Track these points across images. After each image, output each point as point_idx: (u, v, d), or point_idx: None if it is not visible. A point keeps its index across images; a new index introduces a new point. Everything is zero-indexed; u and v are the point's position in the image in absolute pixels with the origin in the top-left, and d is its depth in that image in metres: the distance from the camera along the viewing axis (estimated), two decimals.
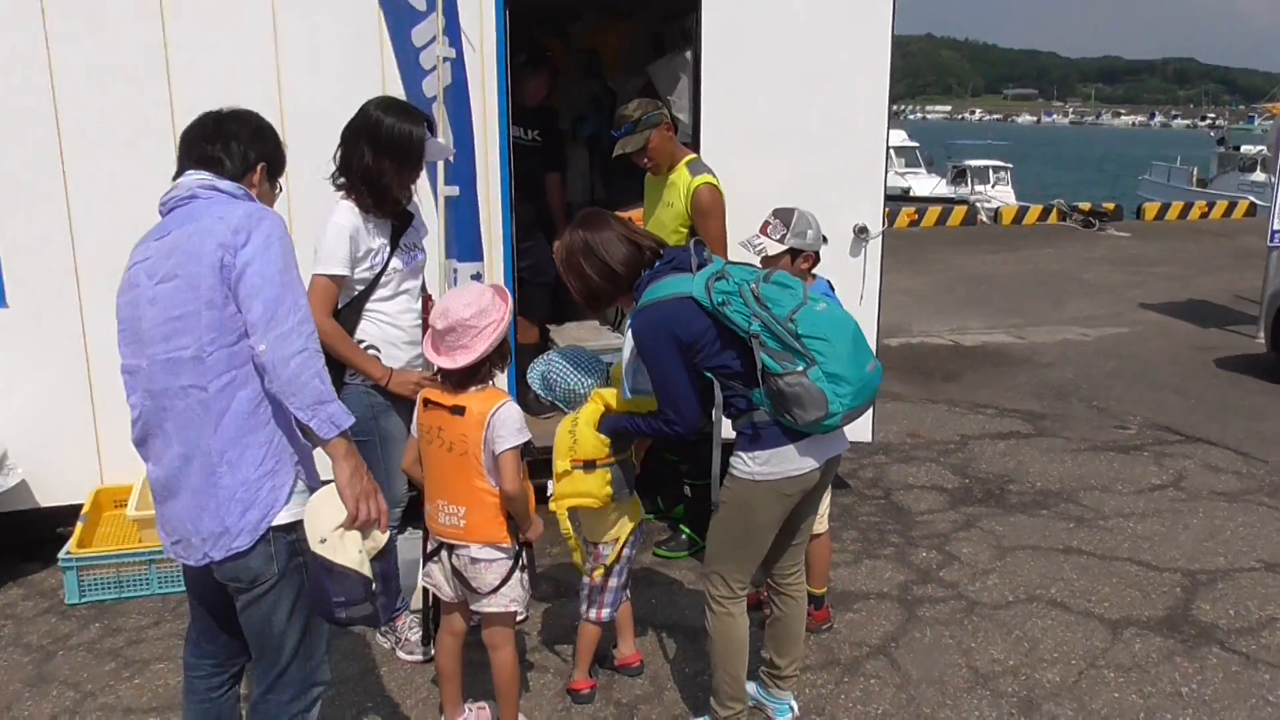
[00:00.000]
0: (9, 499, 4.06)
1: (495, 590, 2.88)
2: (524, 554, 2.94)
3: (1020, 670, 3.56)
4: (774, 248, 3.38)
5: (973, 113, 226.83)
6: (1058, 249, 15.13)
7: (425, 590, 3.69)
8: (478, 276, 4.14)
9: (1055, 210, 18.50)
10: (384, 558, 2.37)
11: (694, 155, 4.20)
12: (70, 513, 4.33)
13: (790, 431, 2.76)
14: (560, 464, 3.06)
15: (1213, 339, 9.26)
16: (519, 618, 2.97)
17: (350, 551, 2.28)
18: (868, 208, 4.86)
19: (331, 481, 2.31)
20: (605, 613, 3.27)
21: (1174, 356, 8.53)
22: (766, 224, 3.45)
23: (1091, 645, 3.74)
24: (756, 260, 3.41)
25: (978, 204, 21.56)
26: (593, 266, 2.92)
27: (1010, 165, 29.52)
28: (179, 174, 2.40)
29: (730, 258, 3.28)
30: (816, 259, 3.48)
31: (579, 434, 3.04)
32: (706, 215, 4.03)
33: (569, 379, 3.17)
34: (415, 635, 3.63)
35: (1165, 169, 32.56)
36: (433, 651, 3.59)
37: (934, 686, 3.46)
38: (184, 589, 3.93)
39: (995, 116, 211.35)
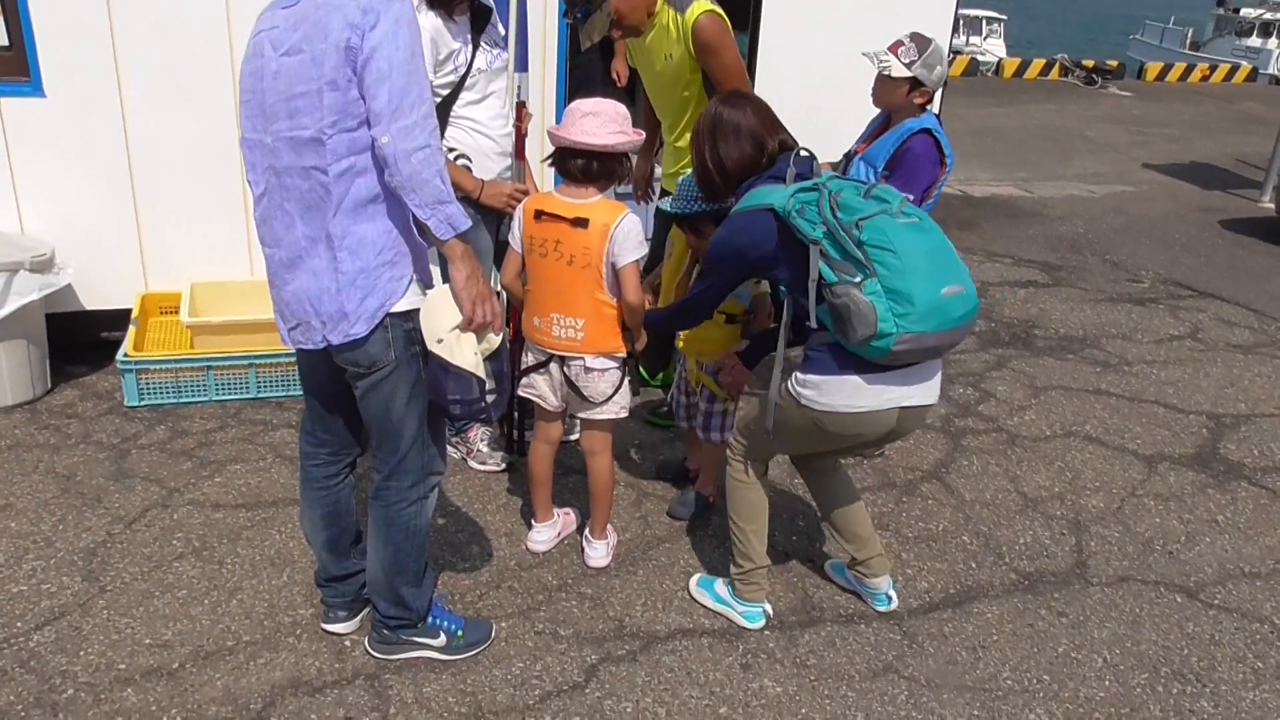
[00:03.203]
0: (57, 300, 3.98)
1: (608, 399, 2.93)
2: (628, 365, 2.98)
3: (1066, 496, 3.75)
4: (899, 70, 3.20)
5: None
6: (1060, 105, 14.95)
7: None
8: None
9: (1058, 65, 18.17)
10: (497, 358, 2.40)
11: None
12: (113, 317, 4.29)
13: (852, 361, 2.48)
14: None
15: (1216, 201, 9.34)
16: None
17: (466, 353, 2.31)
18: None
19: (448, 284, 2.31)
20: (730, 434, 3.33)
21: (1180, 216, 8.61)
22: (900, 43, 3.25)
23: (1130, 476, 3.93)
24: (875, 70, 3.29)
25: (973, 55, 21.08)
26: (705, 153, 2.75)
27: (1004, 18, 28.73)
28: None
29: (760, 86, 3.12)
30: (931, 98, 3.36)
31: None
32: (714, 50, 3.35)
33: None
34: (485, 446, 3.70)
35: (1159, 29, 32.01)
36: (504, 462, 3.69)
37: (988, 508, 3.64)
38: (240, 396, 4.03)
39: None
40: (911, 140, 3.25)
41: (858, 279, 2.38)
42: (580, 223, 2.74)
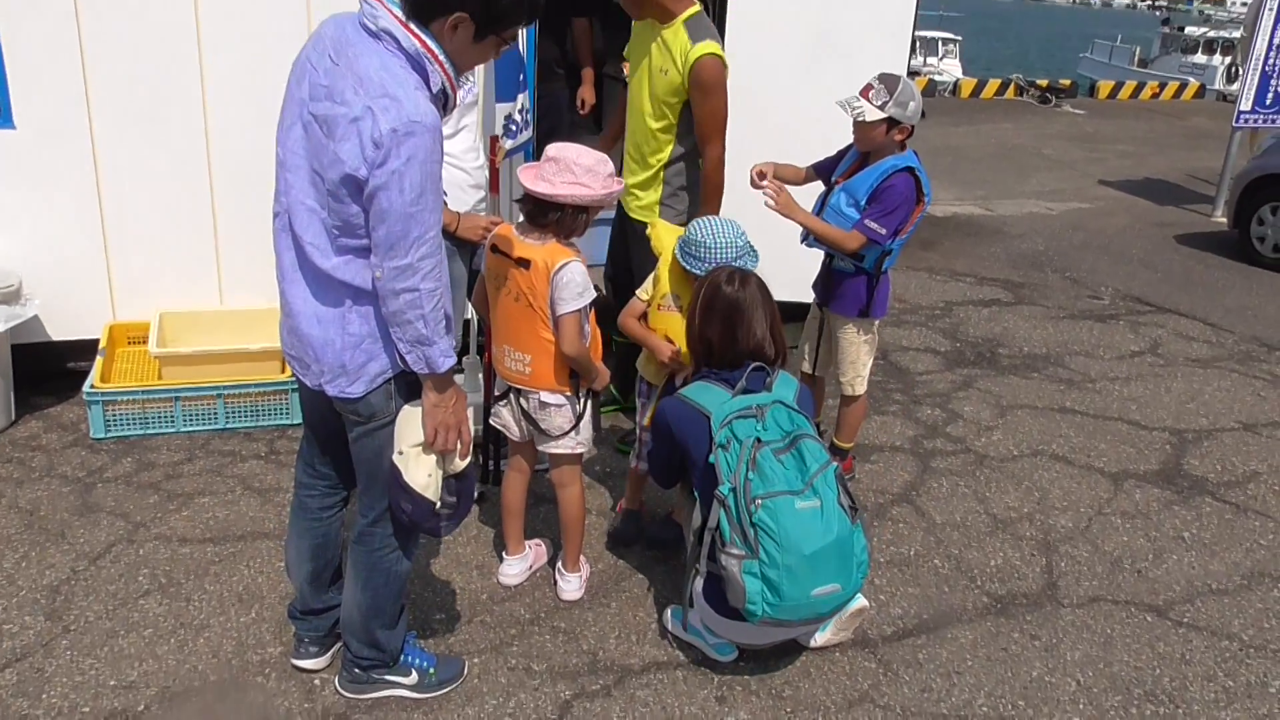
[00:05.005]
0: (23, 331, 3.90)
1: (565, 433, 2.92)
2: (591, 401, 2.97)
3: (1035, 516, 3.80)
4: (873, 114, 3.25)
5: None
6: (1016, 123, 15.20)
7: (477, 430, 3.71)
8: (510, 118, 4.00)
9: (1013, 85, 18.51)
10: (461, 479, 2.39)
11: (696, 7, 3.46)
12: (80, 348, 4.21)
13: (732, 609, 2.64)
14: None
15: (1170, 216, 9.54)
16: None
17: (419, 474, 2.29)
18: (892, 64, 4.78)
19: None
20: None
21: (1137, 232, 8.79)
22: (869, 87, 3.29)
23: (1097, 495, 3.99)
24: (850, 119, 3.33)
25: (930, 75, 21.41)
26: (691, 315, 2.88)
27: (959, 38, 29.21)
28: None
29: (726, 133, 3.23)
30: (911, 132, 3.40)
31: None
32: (708, 92, 3.41)
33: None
34: None
35: (1107, 48, 32.71)
36: (477, 493, 3.66)
37: (958, 530, 3.67)
38: (208, 428, 3.97)
39: None
40: (894, 177, 3.32)
41: (742, 553, 2.54)
42: (524, 263, 2.74)
